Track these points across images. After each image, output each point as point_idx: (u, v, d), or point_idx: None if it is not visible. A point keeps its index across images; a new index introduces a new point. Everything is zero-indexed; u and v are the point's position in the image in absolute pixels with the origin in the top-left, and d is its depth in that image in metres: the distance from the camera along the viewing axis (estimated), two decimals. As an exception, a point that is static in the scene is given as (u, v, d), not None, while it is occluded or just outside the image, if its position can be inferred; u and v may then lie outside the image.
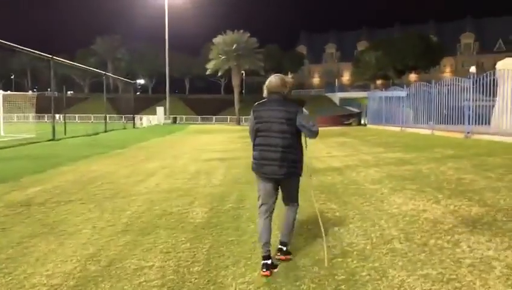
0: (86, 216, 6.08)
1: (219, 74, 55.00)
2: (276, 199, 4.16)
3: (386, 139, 16.20)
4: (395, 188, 7.15)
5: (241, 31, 52.58)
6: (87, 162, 12.15)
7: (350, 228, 5.19)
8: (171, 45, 58.30)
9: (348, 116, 55.40)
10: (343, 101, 69.60)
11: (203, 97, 76.26)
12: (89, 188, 8.18)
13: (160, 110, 54.70)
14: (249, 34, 52.86)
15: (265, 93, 4.17)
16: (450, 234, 4.75)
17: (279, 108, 3.98)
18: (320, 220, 4.39)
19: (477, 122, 16.57)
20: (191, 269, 4.04)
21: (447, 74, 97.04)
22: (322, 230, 4.27)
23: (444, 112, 17.98)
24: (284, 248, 4.23)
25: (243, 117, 57.68)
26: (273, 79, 4.16)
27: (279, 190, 4.17)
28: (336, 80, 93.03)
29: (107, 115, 35.46)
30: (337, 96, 72.28)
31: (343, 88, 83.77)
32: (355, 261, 4.08)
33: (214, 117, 63.50)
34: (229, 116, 62.21)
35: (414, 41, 65.65)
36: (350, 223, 5.39)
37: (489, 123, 17.86)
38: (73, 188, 8.16)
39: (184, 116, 62.40)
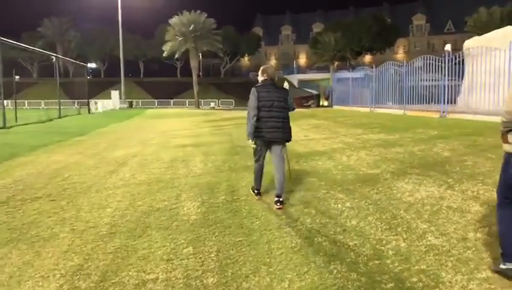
0: (59, 216, 5.26)
1: (176, 56, 53.33)
2: (274, 159, 5.52)
3: (360, 120, 15.86)
4: (396, 173, 6.68)
5: (198, 11, 51.02)
6: (47, 152, 11.09)
7: (370, 221, 4.64)
8: (123, 27, 56.12)
9: (307, 98, 55.40)
10: (302, 83, 69.55)
11: (159, 80, 73.95)
12: (56, 182, 7.27)
13: (115, 94, 52.60)
14: (206, 15, 51.35)
15: (260, 79, 5.61)
16: (485, 224, 4.29)
17: (276, 90, 5.44)
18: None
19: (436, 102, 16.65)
20: (204, 282, 3.38)
21: (400, 55, 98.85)
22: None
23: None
24: (281, 199, 5.32)
25: (202, 100, 56.49)
26: (269, 70, 5.65)
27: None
28: (294, 62, 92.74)
29: (61, 101, 33.62)
30: (295, 78, 72.01)
31: (301, 70, 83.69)
32: (396, 264, 3.52)
33: (171, 101, 61.73)
34: (187, 100, 60.67)
35: (369, 23, 66.00)
36: (367, 215, 4.84)
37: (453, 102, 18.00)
38: (38, 182, 7.23)
39: (140, 100, 60.28)
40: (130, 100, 55.71)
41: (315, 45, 58.80)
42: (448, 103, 18.48)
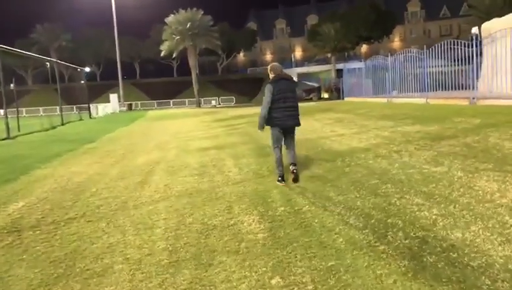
0: (104, 242, 4.58)
1: (174, 55, 52.51)
2: (287, 141, 6.58)
3: (382, 112, 15.17)
4: (467, 170, 6.01)
5: (194, 9, 50.15)
6: (62, 163, 10.39)
7: (476, 231, 3.97)
8: (117, 29, 55.17)
9: (308, 91, 54.73)
10: (302, 76, 68.76)
11: (156, 81, 73.01)
12: (85, 198, 6.59)
13: (114, 97, 51.78)
14: (202, 12, 50.50)
15: (272, 75, 6.46)
16: None
17: (287, 83, 6.39)
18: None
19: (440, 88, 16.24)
20: (320, 327, 2.70)
21: (397, 43, 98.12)
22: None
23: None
24: (296, 166, 6.46)
25: (202, 99, 55.71)
26: (278, 67, 6.56)
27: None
28: (292, 55, 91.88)
29: (59, 107, 32.56)
30: (294, 72, 71.20)
31: (298, 63, 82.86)
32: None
33: (171, 101, 60.92)
34: (187, 99, 59.91)
35: (366, 12, 65.26)
36: (468, 224, 4.17)
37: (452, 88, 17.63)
38: (65, 200, 6.55)
39: (139, 102, 59.49)
40: (129, 103, 54.91)
41: (315, 37, 57.90)
42: (466, 88, 17.87)
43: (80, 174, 8.73)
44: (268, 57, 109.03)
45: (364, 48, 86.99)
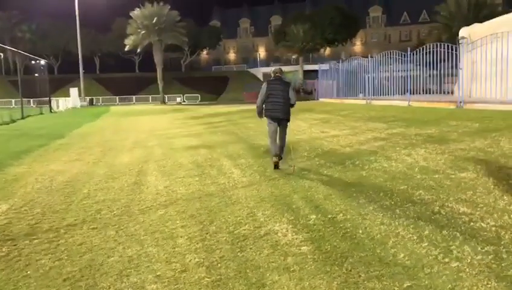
0: (122, 254, 3.94)
1: (138, 50, 50.99)
2: (277, 132, 7.39)
3: (367, 113, 14.89)
4: (499, 177, 5.67)
5: (161, 3, 48.83)
6: (36, 159, 9.52)
7: (553, 246, 3.60)
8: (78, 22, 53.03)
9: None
10: (267, 76, 68.48)
11: (118, 76, 70.65)
12: (79, 201, 5.88)
13: (74, 91, 49.67)
14: (169, 7, 49.26)
15: (272, 75, 7.65)
16: None
17: (280, 83, 7.45)
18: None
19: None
20: None
21: (358, 46, 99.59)
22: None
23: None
24: (281, 156, 7.36)
25: (166, 96, 54.37)
26: (277, 70, 7.75)
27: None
28: (258, 55, 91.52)
29: (14, 100, 31.19)
30: (260, 71, 70.92)
31: (264, 63, 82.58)
32: None
33: (134, 97, 59.15)
34: (150, 96, 58.36)
35: (332, 14, 65.76)
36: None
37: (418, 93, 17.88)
38: (57, 203, 5.81)
39: (100, 98, 57.35)
40: (90, 97, 52.95)
41: (282, 37, 57.65)
42: (444, 93, 17.96)
43: (62, 172, 7.93)
44: (232, 55, 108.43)
45: (328, 50, 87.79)
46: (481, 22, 20.77)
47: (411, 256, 3.59)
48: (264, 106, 7.47)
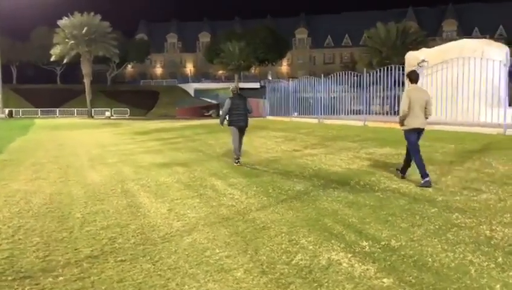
0: (181, 294, 3.35)
1: (65, 60, 48.25)
2: (240, 136, 9.57)
3: (327, 132, 14.86)
4: (498, 193, 5.71)
5: (92, 13, 46.79)
6: (-10, 178, 8.36)
7: None
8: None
9: (207, 108, 54.11)
10: (199, 92, 67.85)
11: (39, 87, 66.46)
12: (80, 228, 5.11)
13: (-9, 102, 45.97)
14: (100, 17, 47.32)
15: (232, 92, 9.90)
16: None
17: (240, 98, 9.64)
18: None
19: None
20: None
21: (284, 67, 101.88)
22: None
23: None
24: (241, 159, 9.56)
25: (93, 109, 51.77)
26: (235, 88, 10.16)
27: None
28: (189, 70, 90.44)
29: None
30: (191, 87, 70.10)
31: (195, 79, 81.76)
32: None
33: (57, 110, 55.78)
34: (75, 109, 55.35)
35: (264, 34, 66.94)
36: None
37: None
38: (54, 230, 5.01)
39: (20, 110, 53.49)
40: (9, 109, 49.16)
41: (216, 54, 57.48)
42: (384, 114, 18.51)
43: (33, 193, 6.99)
44: (159, 70, 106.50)
45: (257, 69, 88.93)
46: (408, 48, 21.75)
47: (507, 286, 3.37)
48: (227, 117, 9.57)
